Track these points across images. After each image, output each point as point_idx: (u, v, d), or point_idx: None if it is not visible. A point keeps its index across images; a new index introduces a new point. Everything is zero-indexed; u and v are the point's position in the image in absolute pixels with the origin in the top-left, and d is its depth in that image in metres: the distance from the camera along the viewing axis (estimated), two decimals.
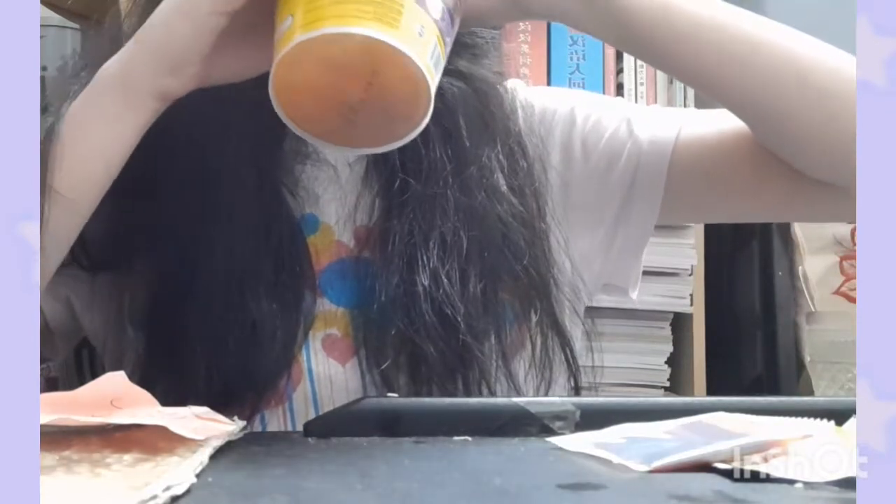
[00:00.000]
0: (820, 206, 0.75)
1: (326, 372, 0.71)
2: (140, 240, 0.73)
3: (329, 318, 0.72)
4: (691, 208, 0.82)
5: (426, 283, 0.69)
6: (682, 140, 0.77)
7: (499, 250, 0.72)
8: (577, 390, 0.76)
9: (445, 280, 0.69)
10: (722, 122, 0.76)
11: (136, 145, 0.65)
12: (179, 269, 0.71)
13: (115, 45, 0.66)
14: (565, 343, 0.75)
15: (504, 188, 0.74)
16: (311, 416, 0.71)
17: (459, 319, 0.69)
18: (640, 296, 0.86)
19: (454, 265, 0.70)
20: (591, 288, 0.82)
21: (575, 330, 0.79)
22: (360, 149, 0.61)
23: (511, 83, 0.81)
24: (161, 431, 0.47)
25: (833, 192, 0.71)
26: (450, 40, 0.57)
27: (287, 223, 0.73)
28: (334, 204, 0.75)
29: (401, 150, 0.60)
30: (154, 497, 0.38)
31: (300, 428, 0.70)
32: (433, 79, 0.54)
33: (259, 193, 0.71)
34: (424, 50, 0.53)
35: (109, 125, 0.63)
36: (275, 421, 0.72)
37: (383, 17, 0.52)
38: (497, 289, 0.72)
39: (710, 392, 1.49)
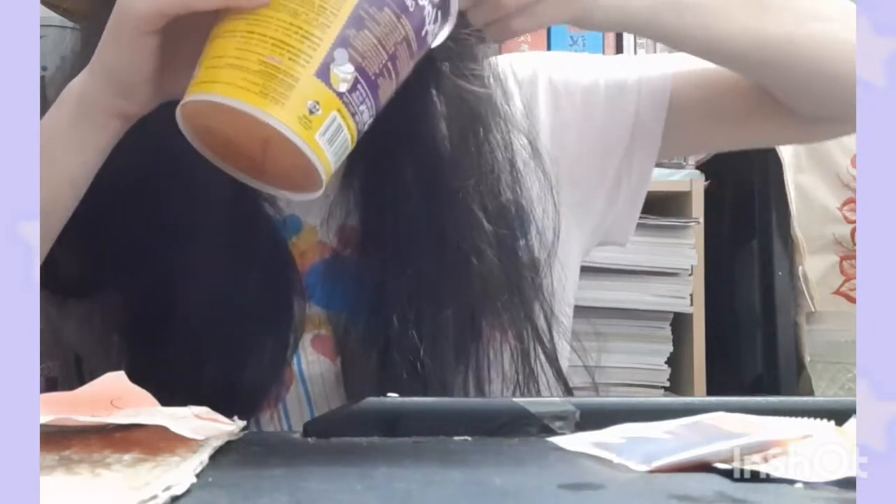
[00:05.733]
0: (805, 129, 0.81)
1: (318, 370, 0.71)
2: (115, 266, 0.72)
3: (315, 321, 0.72)
4: (690, 139, 0.85)
5: (397, 328, 0.69)
6: (679, 72, 0.81)
7: (474, 290, 0.72)
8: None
9: (415, 333, 0.69)
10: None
11: (112, 165, 0.63)
12: (158, 290, 0.70)
13: None
14: (559, 375, 0.74)
15: (482, 218, 0.72)
16: (306, 415, 0.71)
17: (429, 375, 0.69)
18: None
19: (426, 308, 0.70)
20: (588, 244, 0.83)
21: (564, 348, 0.79)
22: (277, 190, 0.59)
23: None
24: (161, 431, 0.47)
25: (816, 120, 0.78)
26: (365, 108, 0.54)
27: (266, 233, 0.72)
28: (317, 204, 0.73)
29: (375, 167, 0.58)
30: (154, 497, 0.38)
31: (295, 427, 0.70)
32: (322, 154, 0.52)
33: (235, 207, 0.70)
34: (312, 127, 0.52)
35: (72, 144, 0.62)
36: (269, 425, 0.72)
37: (270, 93, 0.51)
38: (474, 330, 0.72)
39: (710, 392, 1.49)
